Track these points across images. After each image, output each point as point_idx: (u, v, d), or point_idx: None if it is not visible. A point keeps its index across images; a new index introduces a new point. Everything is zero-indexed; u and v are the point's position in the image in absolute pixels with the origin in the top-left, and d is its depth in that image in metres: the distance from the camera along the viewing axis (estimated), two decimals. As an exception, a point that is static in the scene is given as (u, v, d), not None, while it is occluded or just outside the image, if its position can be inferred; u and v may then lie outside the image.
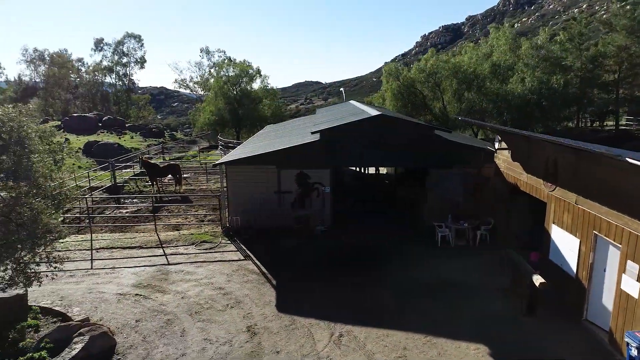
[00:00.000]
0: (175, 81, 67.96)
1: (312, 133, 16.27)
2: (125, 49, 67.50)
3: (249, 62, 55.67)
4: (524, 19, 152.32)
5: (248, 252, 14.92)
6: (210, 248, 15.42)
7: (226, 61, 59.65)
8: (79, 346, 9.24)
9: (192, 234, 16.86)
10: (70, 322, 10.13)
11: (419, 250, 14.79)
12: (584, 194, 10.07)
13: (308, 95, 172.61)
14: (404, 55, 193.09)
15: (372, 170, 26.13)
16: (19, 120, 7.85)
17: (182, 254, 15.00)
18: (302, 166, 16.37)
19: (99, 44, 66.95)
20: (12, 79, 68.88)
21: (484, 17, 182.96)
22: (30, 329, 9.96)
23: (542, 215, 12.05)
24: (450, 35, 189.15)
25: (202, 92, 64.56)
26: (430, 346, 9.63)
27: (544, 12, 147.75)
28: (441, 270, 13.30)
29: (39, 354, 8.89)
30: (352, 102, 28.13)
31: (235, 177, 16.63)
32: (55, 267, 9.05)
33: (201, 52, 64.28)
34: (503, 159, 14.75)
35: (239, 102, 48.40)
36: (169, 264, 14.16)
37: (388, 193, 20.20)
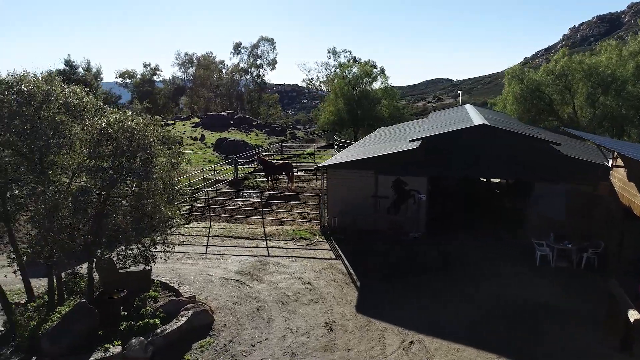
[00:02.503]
0: (303, 81, 72.53)
1: (410, 141, 16.47)
2: (259, 52, 73.45)
3: (373, 62, 56.56)
4: None
5: (340, 251, 15.78)
6: (307, 245, 16.63)
7: (350, 61, 61.40)
8: (184, 319, 11.01)
9: (293, 229, 18.29)
10: (180, 298, 12.05)
11: (515, 267, 14.15)
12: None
13: (437, 93, 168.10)
14: (547, 50, 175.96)
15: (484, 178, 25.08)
16: (145, 130, 9.69)
17: (281, 247, 16.44)
18: (399, 173, 16.68)
19: (237, 48, 73.83)
20: (167, 79, 79.43)
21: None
22: (150, 299, 12.08)
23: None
24: (605, 27, 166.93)
25: (327, 91, 67.49)
26: (501, 368, 9.45)
27: None
28: (534, 291, 12.63)
29: (153, 320, 10.82)
30: (466, 106, 27.19)
31: (335, 179, 17.60)
32: (167, 251, 10.89)
33: (328, 52, 67.30)
34: (618, 177, 13.36)
35: (358, 102, 49.57)
36: (268, 256, 15.68)
37: (491, 203, 19.39)
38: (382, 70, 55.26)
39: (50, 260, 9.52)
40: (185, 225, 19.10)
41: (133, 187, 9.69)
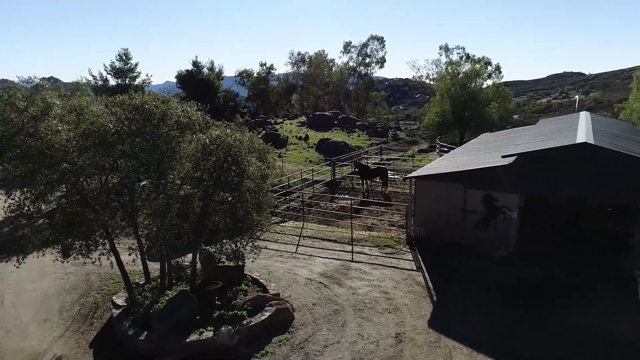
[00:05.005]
0: (413, 78, 71.62)
1: (503, 157, 15.96)
2: (368, 51, 74.25)
3: (487, 59, 53.28)
4: None
5: (422, 263, 15.98)
6: (390, 253, 17.06)
7: (463, 58, 59.05)
8: (267, 314, 12.28)
9: (379, 236, 18.81)
10: (266, 294, 13.37)
11: (610, 299, 13.11)
12: None
13: (564, 89, 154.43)
14: None
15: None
16: (240, 146, 11.03)
17: (365, 254, 17.08)
18: (490, 188, 16.28)
19: (347, 47, 75.39)
20: (280, 75, 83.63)
21: None
22: (241, 292, 13.59)
23: None
24: None
25: (436, 89, 65.98)
26: (571, 406, 9.14)
27: None
28: (629, 327, 11.70)
29: (241, 312, 12.25)
30: (581, 114, 24.93)
31: (423, 190, 17.74)
32: (255, 248, 12.24)
33: (440, 49, 65.43)
34: None
35: (465, 104, 47.90)
36: (352, 261, 16.44)
37: (596, 225, 17.81)
38: (497, 68, 52.50)
39: (160, 253, 11.35)
40: (281, 224, 20.66)
41: (229, 198, 11.12)
